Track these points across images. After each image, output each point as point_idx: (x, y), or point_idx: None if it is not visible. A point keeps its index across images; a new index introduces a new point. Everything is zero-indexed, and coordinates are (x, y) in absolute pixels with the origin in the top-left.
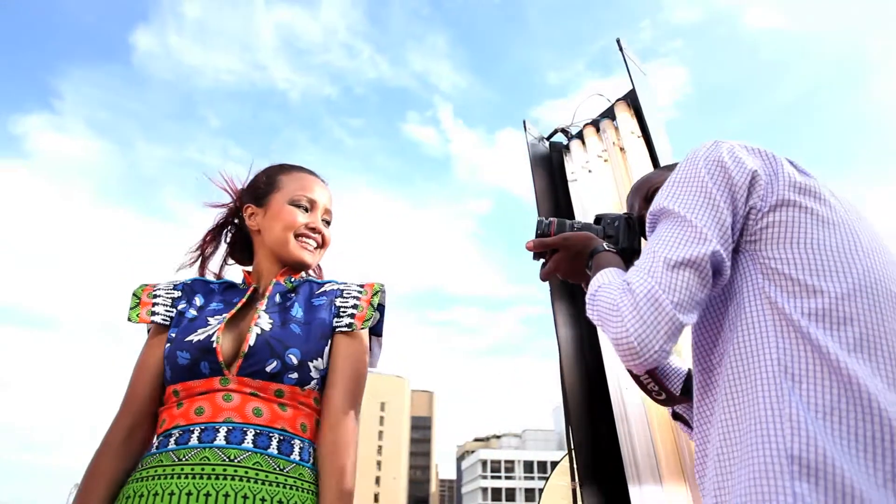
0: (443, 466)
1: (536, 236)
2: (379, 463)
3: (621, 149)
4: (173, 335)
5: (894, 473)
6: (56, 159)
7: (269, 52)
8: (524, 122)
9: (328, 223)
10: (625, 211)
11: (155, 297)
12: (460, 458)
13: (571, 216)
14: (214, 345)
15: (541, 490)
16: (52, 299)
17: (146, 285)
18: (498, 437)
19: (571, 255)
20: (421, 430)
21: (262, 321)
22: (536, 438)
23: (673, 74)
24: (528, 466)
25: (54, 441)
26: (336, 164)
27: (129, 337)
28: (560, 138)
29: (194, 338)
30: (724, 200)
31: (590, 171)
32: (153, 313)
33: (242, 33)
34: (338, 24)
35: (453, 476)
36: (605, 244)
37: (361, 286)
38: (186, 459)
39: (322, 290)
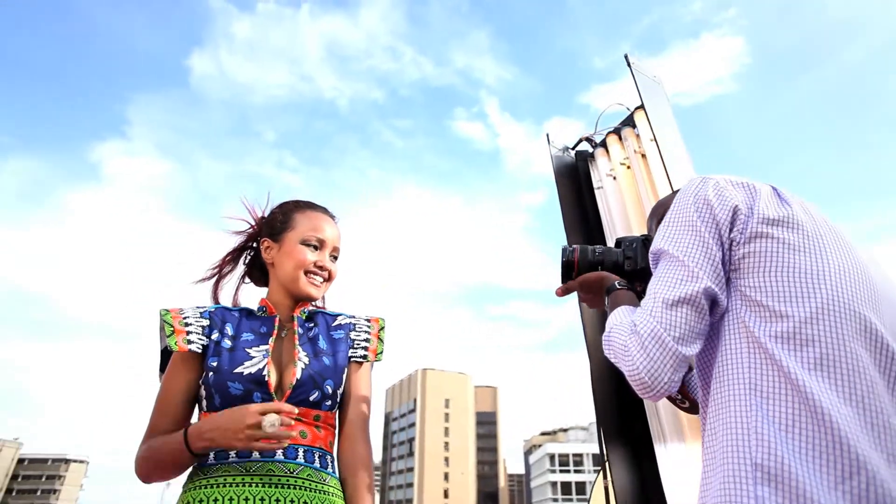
0: (510, 461)
1: (562, 264)
2: (447, 459)
3: (643, 155)
4: (215, 364)
5: (843, 477)
6: (129, 182)
7: (316, 63)
8: (547, 136)
9: (335, 258)
10: (646, 222)
11: (187, 325)
12: (528, 453)
13: (599, 224)
14: (266, 378)
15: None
16: (130, 313)
17: (171, 310)
18: (565, 430)
19: (590, 295)
20: (486, 426)
21: (302, 355)
22: None
23: (728, 45)
24: (598, 459)
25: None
26: (386, 166)
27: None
28: (585, 147)
29: (244, 370)
30: (712, 237)
31: (614, 178)
32: (189, 342)
33: (289, 47)
34: (379, 29)
35: (522, 471)
36: (617, 282)
37: (368, 320)
38: (254, 471)
39: (337, 322)
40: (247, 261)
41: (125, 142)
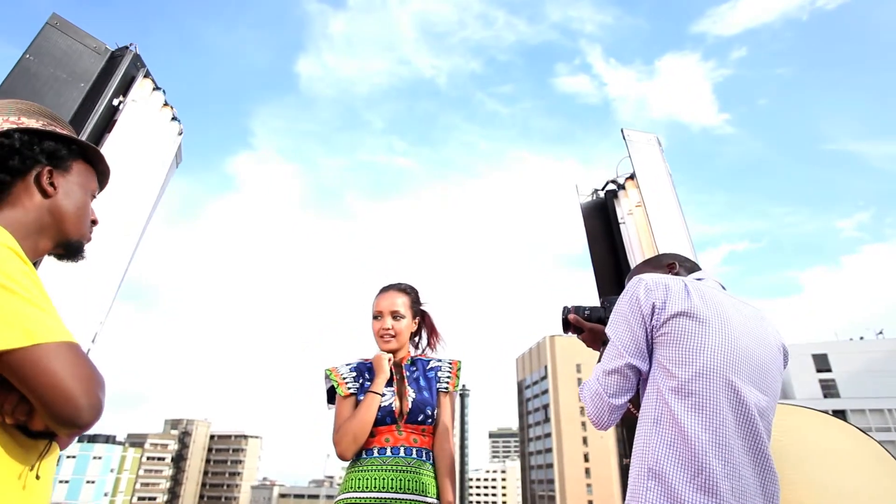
0: None
1: (562, 319)
2: (584, 424)
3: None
4: (363, 399)
5: (693, 475)
6: (259, 188)
7: (411, 45)
8: (576, 187)
9: (396, 316)
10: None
11: (344, 378)
12: None
13: (624, 254)
14: (394, 408)
15: None
16: (278, 305)
17: (332, 369)
18: None
19: (593, 340)
20: None
21: (411, 392)
22: None
23: None
24: None
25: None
26: (494, 136)
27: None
28: (613, 187)
29: (382, 403)
30: (637, 325)
31: (631, 215)
32: (348, 388)
33: (384, 33)
34: None
35: None
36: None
37: (450, 363)
38: (387, 461)
39: (430, 366)
40: None
41: (253, 152)
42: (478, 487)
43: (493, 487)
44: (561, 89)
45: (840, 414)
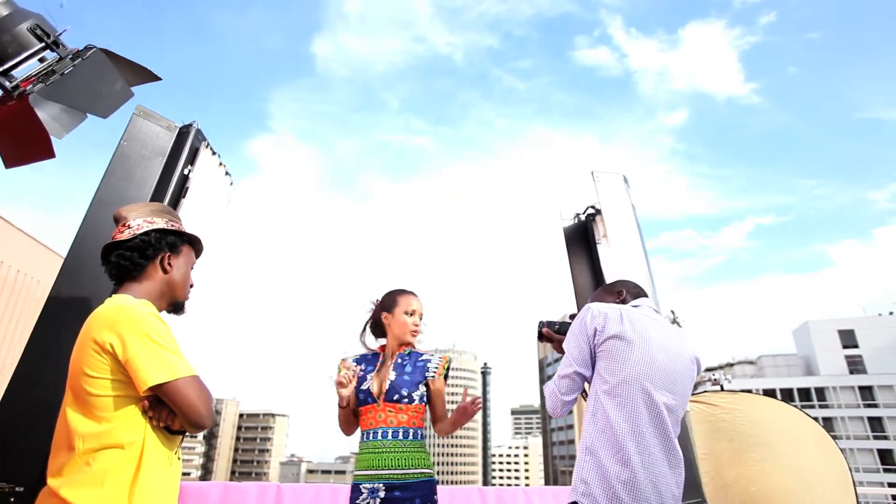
0: None
1: (537, 332)
2: None
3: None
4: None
5: (615, 451)
6: (278, 170)
7: (426, 21)
8: (560, 213)
9: (422, 317)
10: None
11: (348, 368)
12: (693, 390)
13: (601, 272)
14: (371, 390)
15: None
16: (303, 282)
17: (343, 360)
18: (731, 364)
19: (561, 349)
20: None
21: (392, 376)
22: (776, 364)
23: None
24: (770, 396)
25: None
26: (512, 114)
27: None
28: (592, 211)
29: (364, 386)
30: (584, 342)
31: (605, 238)
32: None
33: (399, 10)
34: None
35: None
36: None
37: (440, 357)
38: (379, 444)
39: (422, 358)
40: (372, 324)
41: (271, 135)
42: (500, 463)
43: (516, 463)
44: (580, 62)
45: (867, 390)
